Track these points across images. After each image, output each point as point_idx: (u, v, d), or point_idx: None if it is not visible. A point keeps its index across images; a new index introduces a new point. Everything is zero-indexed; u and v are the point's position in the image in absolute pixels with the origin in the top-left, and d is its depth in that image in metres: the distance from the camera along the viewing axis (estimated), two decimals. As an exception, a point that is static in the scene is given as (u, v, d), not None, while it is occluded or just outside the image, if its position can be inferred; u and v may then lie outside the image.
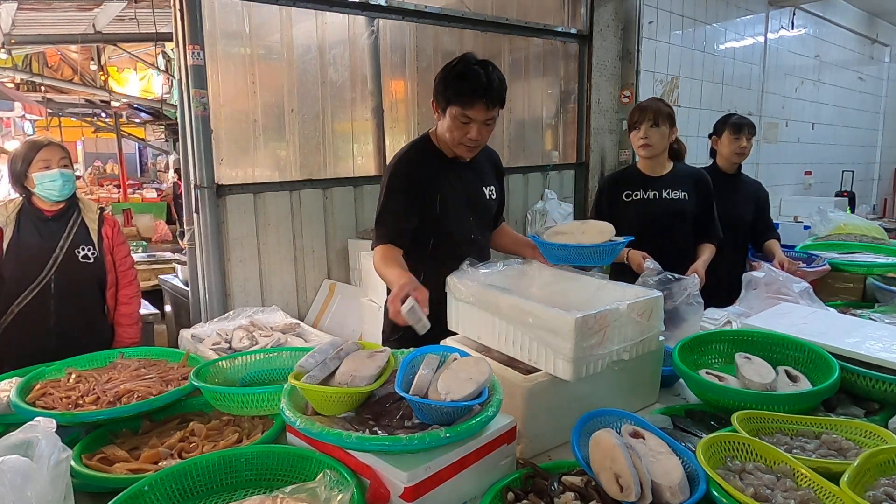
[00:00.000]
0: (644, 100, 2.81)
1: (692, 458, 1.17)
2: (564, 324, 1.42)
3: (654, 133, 2.62)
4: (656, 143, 2.65)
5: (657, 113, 2.61)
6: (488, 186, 2.22)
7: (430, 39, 4.30)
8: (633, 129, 2.70)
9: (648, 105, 2.67)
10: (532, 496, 1.17)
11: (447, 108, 1.97)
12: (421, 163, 2.08)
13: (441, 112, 2.00)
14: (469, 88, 1.91)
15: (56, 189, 2.46)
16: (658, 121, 2.61)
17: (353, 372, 1.31)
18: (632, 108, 2.81)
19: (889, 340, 1.68)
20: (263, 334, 2.46)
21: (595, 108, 5.22)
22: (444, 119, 2.00)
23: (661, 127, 2.62)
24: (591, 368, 1.48)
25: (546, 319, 1.47)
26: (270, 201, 3.57)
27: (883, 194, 10.01)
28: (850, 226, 3.78)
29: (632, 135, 2.72)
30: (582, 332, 1.42)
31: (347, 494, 1.08)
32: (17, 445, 1.09)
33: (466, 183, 2.15)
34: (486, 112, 1.94)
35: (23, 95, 7.52)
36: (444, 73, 1.98)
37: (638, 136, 2.66)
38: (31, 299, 2.44)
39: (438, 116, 2.03)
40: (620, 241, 1.95)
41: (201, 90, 3.17)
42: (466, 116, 1.94)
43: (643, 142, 2.65)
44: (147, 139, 12.73)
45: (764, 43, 6.85)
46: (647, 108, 2.65)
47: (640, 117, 2.64)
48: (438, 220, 2.06)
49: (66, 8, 5.42)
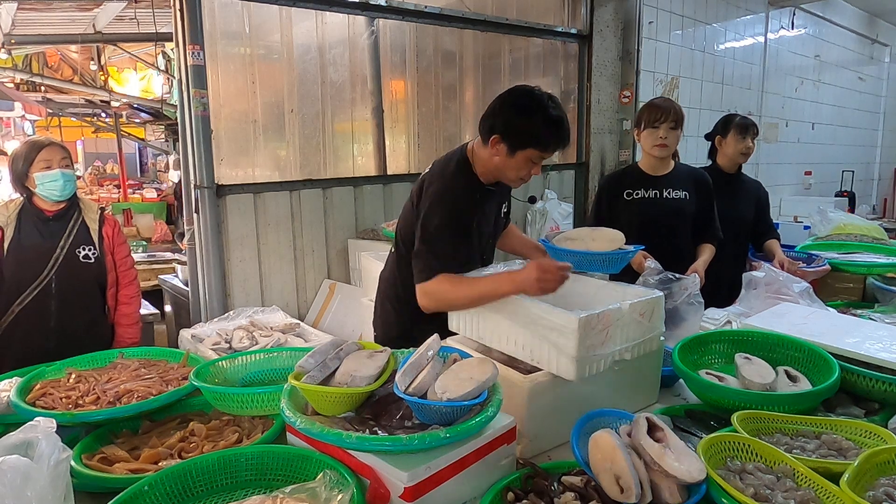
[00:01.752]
0: (657, 98, 2.75)
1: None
2: (568, 323, 1.43)
3: (672, 135, 2.61)
4: (672, 144, 2.64)
5: (678, 116, 2.60)
6: (504, 203, 2.19)
7: (430, 39, 4.29)
8: (648, 127, 2.63)
9: (669, 106, 2.61)
10: (532, 496, 1.17)
11: (520, 151, 1.83)
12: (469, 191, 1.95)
13: (509, 150, 1.84)
14: (558, 139, 1.84)
15: (57, 189, 2.46)
16: (678, 124, 2.61)
17: (352, 372, 1.31)
18: (644, 106, 2.72)
19: (889, 340, 1.68)
20: (263, 334, 2.46)
21: (595, 108, 5.21)
22: (508, 157, 1.85)
23: (678, 130, 2.62)
24: (593, 368, 1.48)
25: (549, 319, 1.48)
26: (270, 201, 3.57)
27: (883, 194, 10.00)
28: (850, 226, 3.78)
29: (644, 133, 2.65)
30: (585, 332, 1.42)
31: (347, 494, 1.08)
32: (17, 445, 1.09)
33: (492, 207, 2.09)
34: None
35: (23, 95, 7.50)
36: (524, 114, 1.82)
37: (657, 136, 2.61)
38: (31, 299, 2.44)
39: (496, 151, 1.86)
40: (630, 250, 1.95)
41: (201, 90, 3.17)
42: (542, 158, 1.87)
43: (661, 142, 2.61)
44: (147, 139, 12.71)
45: (764, 43, 6.85)
46: (669, 109, 2.60)
47: (661, 117, 2.59)
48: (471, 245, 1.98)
49: (66, 8, 5.41)
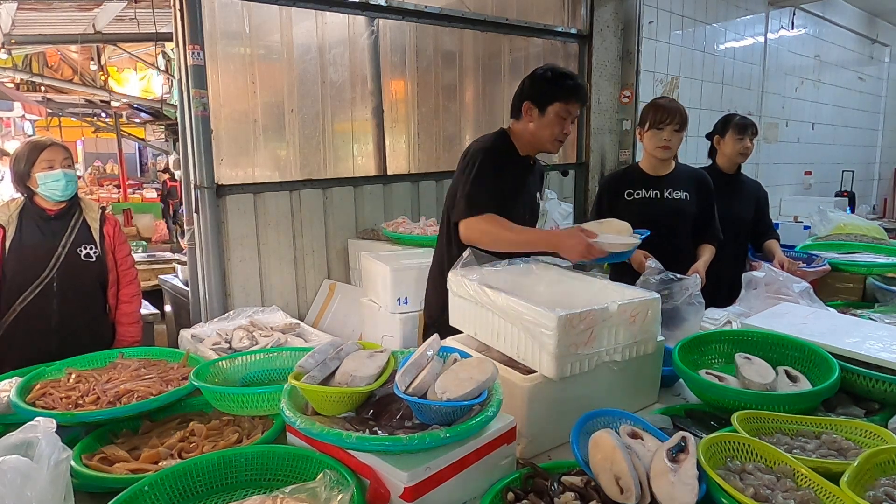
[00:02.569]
0: (661, 99, 2.72)
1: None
2: (548, 321, 1.43)
3: (676, 137, 2.60)
4: (675, 146, 2.63)
5: (683, 118, 2.59)
6: (538, 192, 2.46)
7: (430, 39, 4.29)
8: (652, 128, 2.61)
9: (675, 108, 2.58)
10: (532, 496, 1.17)
11: (549, 105, 2.15)
12: (506, 153, 2.25)
13: (540, 110, 2.17)
14: (575, 86, 2.16)
15: (59, 189, 2.47)
16: (682, 126, 2.59)
17: (352, 372, 1.31)
18: (647, 106, 2.68)
19: (889, 340, 1.68)
20: (263, 334, 2.46)
21: (595, 108, 5.21)
22: (540, 118, 2.17)
23: (682, 132, 2.61)
24: (576, 367, 1.48)
25: (533, 316, 1.48)
26: (270, 201, 3.57)
27: (883, 194, 10.00)
28: (850, 226, 3.77)
29: (648, 133, 2.63)
30: (566, 330, 1.42)
31: (347, 494, 1.08)
32: (17, 445, 1.09)
33: (530, 184, 2.35)
34: (579, 108, 2.19)
35: (23, 95, 7.51)
36: (544, 77, 2.18)
37: (661, 137, 2.59)
38: (33, 298, 2.44)
39: (530, 117, 2.19)
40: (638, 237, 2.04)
41: (201, 90, 3.17)
42: (568, 111, 2.15)
43: (665, 144, 2.60)
44: (147, 139, 12.72)
45: (764, 43, 6.85)
46: (675, 111, 2.57)
47: (667, 118, 2.56)
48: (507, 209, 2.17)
49: (66, 8, 5.42)
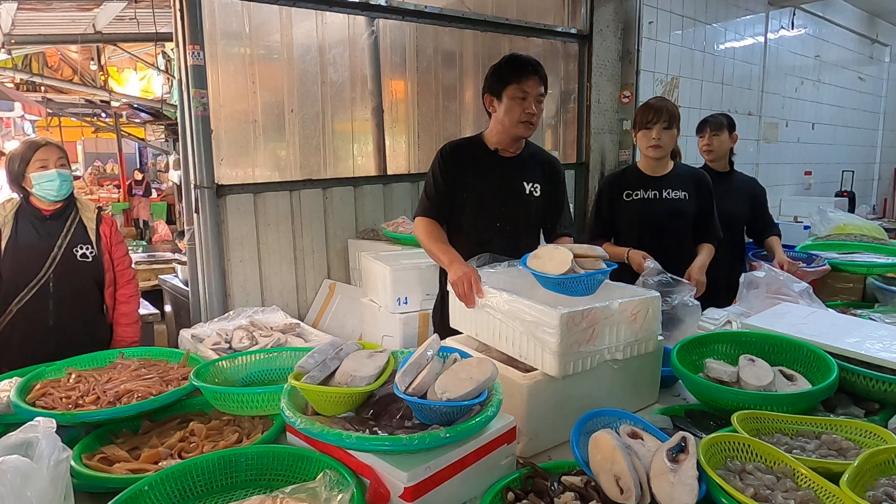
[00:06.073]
0: (651, 99, 2.73)
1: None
2: (551, 319, 1.43)
3: (666, 135, 2.59)
4: (667, 144, 2.62)
5: (671, 115, 2.58)
6: (531, 183, 2.32)
7: (430, 39, 4.29)
8: (642, 128, 2.62)
9: (661, 106, 2.59)
10: (532, 496, 1.17)
11: (503, 91, 2.18)
12: (464, 147, 2.32)
13: (497, 99, 2.21)
14: (521, 64, 2.18)
15: (54, 189, 2.46)
16: (671, 123, 2.58)
17: (352, 372, 1.31)
18: (639, 107, 2.69)
19: (889, 340, 1.68)
20: (263, 334, 2.45)
21: (595, 108, 5.21)
22: (500, 106, 2.20)
23: (673, 129, 2.60)
24: (578, 365, 1.48)
25: (535, 314, 1.48)
26: (270, 201, 3.57)
27: (883, 194, 9.99)
28: (850, 226, 3.77)
29: (640, 134, 2.64)
30: (568, 328, 1.43)
31: (347, 494, 1.08)
32: (17, 445, 1.09)
33: (508, 176, 2.30)
34: (538, 85, 2.18)
35: (23, 95, 7.51)
36: (494, 66, 2.25)
37: (650, 137, 2.59)
38: (29, 298, 2.44)
39: (494, 109, 2.24)
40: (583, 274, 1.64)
41: (201, 90, 3.17)
42: (523, 91, 2.16)
43: (655, 143, 2.59)
44: (147, 139, 12.71)
45: (764, 43, 6.85)
46: (662, 109, 2.57)
47: (653, 118, 2.57)
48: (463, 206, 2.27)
49: (66, 8, 5.42)
